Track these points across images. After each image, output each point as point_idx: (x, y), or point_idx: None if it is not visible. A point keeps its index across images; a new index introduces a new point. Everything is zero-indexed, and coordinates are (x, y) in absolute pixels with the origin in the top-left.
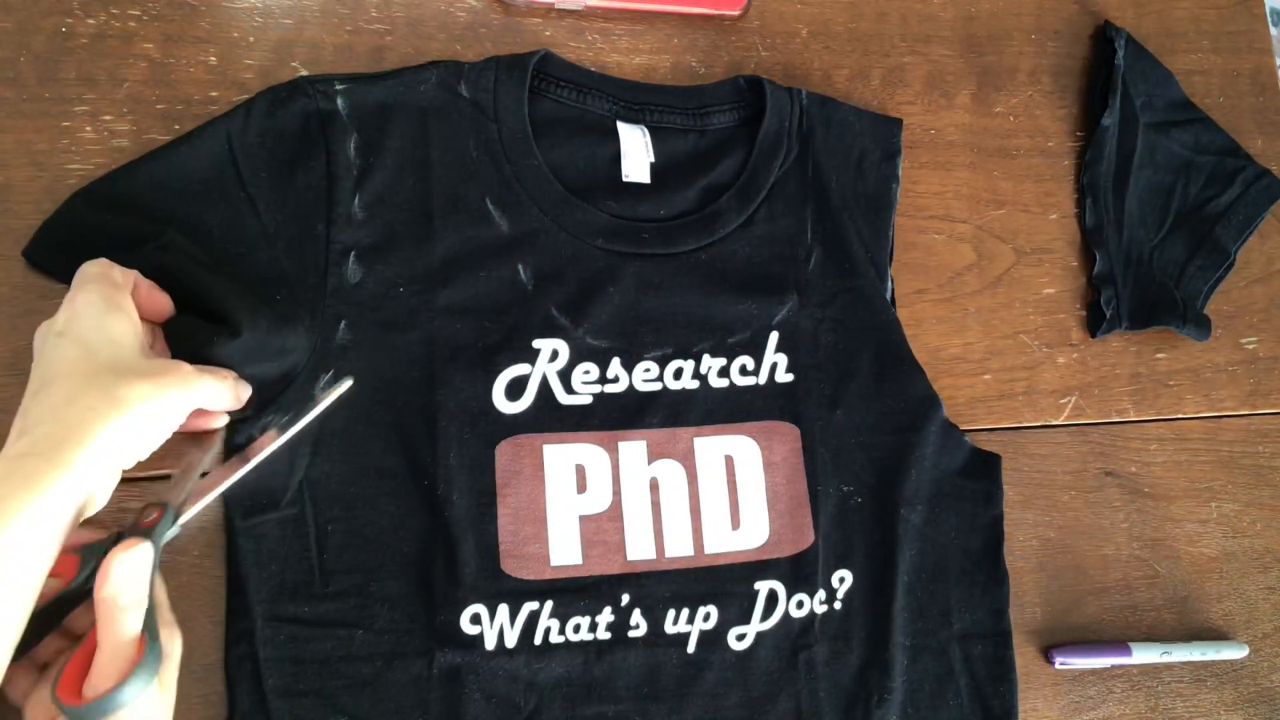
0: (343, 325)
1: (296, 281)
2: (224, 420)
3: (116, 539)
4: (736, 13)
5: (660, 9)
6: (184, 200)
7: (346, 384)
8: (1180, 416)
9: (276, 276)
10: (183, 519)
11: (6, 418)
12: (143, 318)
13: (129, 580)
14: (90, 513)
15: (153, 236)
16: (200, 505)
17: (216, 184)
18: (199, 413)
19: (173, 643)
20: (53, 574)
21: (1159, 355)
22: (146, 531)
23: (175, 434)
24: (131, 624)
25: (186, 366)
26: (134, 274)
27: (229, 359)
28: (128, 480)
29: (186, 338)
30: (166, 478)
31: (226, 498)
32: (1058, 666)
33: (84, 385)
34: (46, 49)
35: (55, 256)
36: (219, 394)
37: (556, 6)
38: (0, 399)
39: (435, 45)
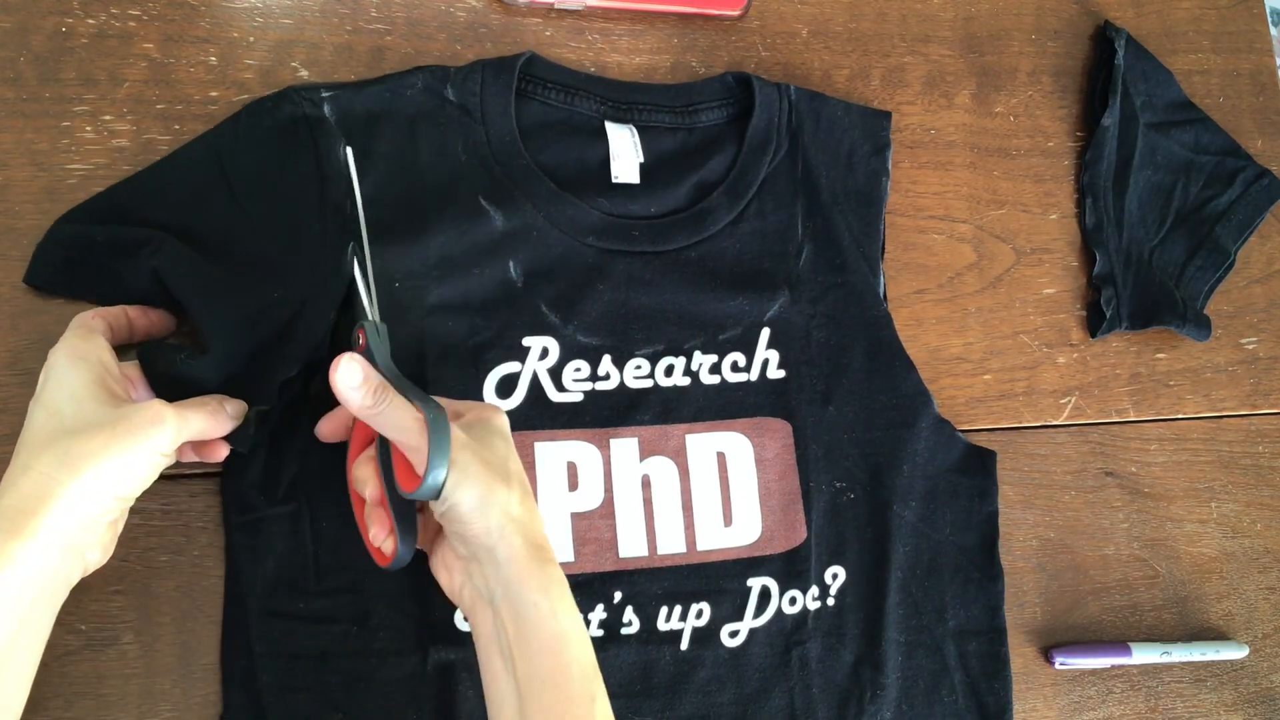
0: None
1: (294, 282)
2: (224, 450)
3: None
4: (736, 13)
5: (660, 9)
6: (174, 211)
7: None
8: (1180, 416)
9: (273, 278)
10: (378, 318)
11: (7, 417)
12: (145, 339)
13: (357, 376)
14: (91, 569)
15: (146, 242)
16: (373, 304)
17: (206, 194)
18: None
19: (480, 414)
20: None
21: (1159, 355)
22: (366, 351)
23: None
24: (394, 405)
25: (155, 408)
26: (116, 309)
27: (203, 376)
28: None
29: (154, 363)
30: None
31: (224, 493)
32: (1058, 666)
33: (40, 451)
34: (46, 49)
35: (56, 275)
36: (202, 424)
37: (556, 6)
38: (1, 399)
39: (435, 45)
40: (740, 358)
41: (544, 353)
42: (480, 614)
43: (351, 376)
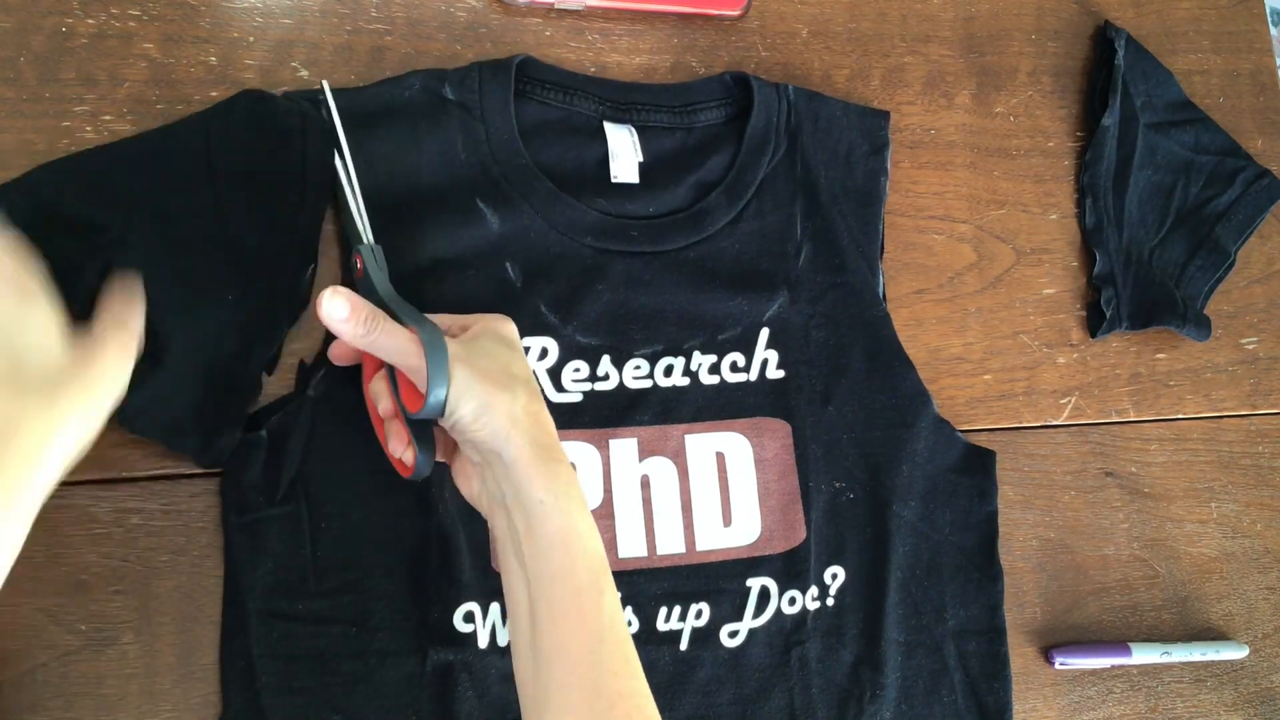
0: None
1: (268, 272)
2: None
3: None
4: (736, 13)
5: (660, 9)
6: (152, 183)
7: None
8: (1180, 416)
9: (237, 279)
10: (372, 240)
11: None
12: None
13: (343, 309)
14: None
15: (106, 228)
16: (365, 227)
17: (189, 171)
18: None
19: (482, 324)
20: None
21: (1159, 355)
22: (365, 278)
23: None
24: (387, 331)
25: (110, 348)
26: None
27: (158, 386)
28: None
29: None
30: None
31: (223, 495)
32: (1058, 666)
33: (12, 396)
34: (46, 49)
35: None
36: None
37: (556, 6)
38: None
39: (435, 45)
40: (739, 358)
41: (543, 353)
42: (496, 516)
43: (337, 310)
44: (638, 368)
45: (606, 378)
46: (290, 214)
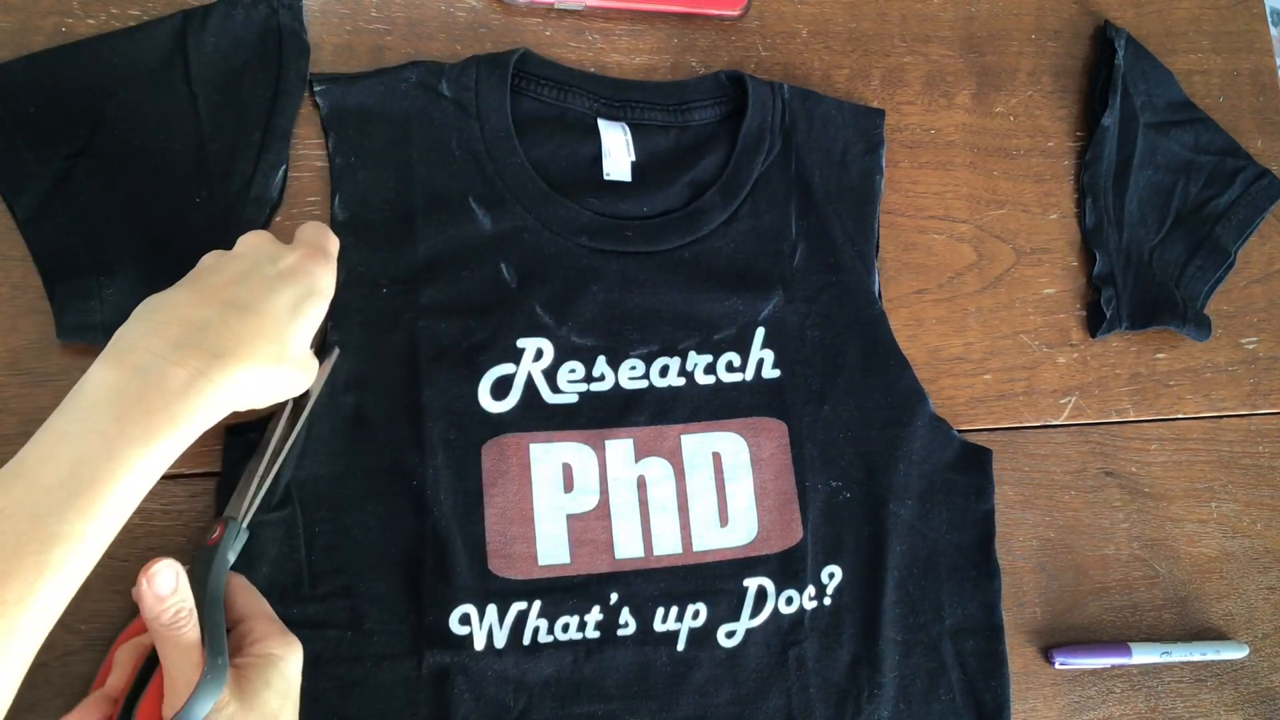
0: (328, 328)
1: (220, 184)
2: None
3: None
4: (736, 13)
5: (660, 9)
6: (126, 84)
7: (334, 353)
8: (1180, 416)
9: (202, 176)
10: (246, 522)
11: (6, 418)
12: None
13: (169, 584)
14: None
15: (71, 139)
16: (251, 504)
17: (162, 74)
18: None
19: (272, 651)
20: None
21: (1159, 355)
22: (212, 549)
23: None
24: (185, 639)
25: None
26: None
27: (124, 293)
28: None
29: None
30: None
31: (217, 500)
32: (1058, 666)
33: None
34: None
35: None
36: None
37: (556, 6)
38: (1, 399)
39: (435, 45)
40: (735, 358)
41: (538, 354)
42: None
43: (164, 583)
44: (633, 368)
45: (602, 378)
46: (263, 116)
